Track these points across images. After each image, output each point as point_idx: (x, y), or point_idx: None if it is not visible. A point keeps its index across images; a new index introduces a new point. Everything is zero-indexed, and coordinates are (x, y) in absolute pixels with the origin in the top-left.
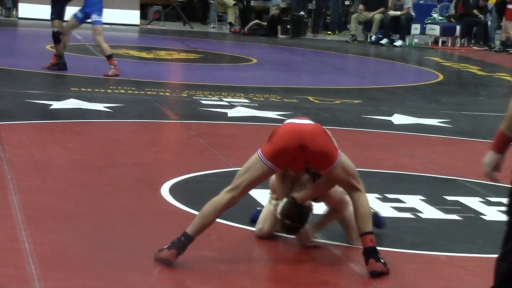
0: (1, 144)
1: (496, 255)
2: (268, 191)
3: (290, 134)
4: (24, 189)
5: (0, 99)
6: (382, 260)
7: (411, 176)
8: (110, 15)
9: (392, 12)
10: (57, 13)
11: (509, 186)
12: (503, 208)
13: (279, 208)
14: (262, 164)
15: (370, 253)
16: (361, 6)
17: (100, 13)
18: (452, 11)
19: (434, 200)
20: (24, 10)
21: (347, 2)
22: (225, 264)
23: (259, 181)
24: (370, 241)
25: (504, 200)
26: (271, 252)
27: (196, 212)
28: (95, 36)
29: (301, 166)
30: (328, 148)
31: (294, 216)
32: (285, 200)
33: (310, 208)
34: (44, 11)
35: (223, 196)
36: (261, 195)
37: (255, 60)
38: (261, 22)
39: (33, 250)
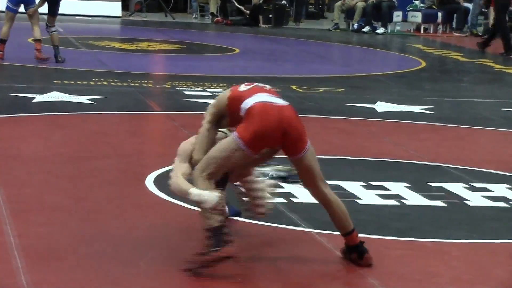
0: None
1: (481, 241)
2: None
3: (271, 119)
4: (8, 182)
5: None
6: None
7: (395, 163)
8: (92, 7)
9: None
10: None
11: (493, 171)
12: (488, 194)
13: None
14: (242, 153)
15: (363, 248)
16: None
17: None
18: None
19: (418, 186)
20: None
21: None
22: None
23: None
24: (356, 236)
25: (488, 186)
26: (256, 243)
27: (181, 203)
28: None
29: (275, 149)
30: (303, 133)
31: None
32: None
33: None
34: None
35: (205, 184)
36: None
37: (237, 50)
38: (243, 9)
39: (18, 243)
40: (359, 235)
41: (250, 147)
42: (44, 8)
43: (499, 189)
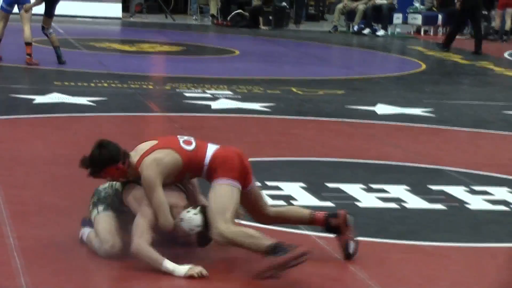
0: None
1: (481, 244)
2: None
3: (239, 158)
4: (8, 184)
5: None
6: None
7: (395, 166)
8: (92, 8)
9: (378, 1)
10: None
11: (493, 175)
12: (488, 197)
13: (197, 221)
14: (239, 190)
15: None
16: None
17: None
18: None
19: (418, 189)
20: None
21: None
22: (209, 258)
23: None
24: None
25: (489, 189)
26: None
27: None
28: None
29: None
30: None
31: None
32: (195, 210)
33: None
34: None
35: (237, 226)
36: None
37: (237, 52)
38: (243, 12)
39: (18, 245)
40: (359, 238)
41: (240, 183)
42: (40, 9)
43: (499, 192)
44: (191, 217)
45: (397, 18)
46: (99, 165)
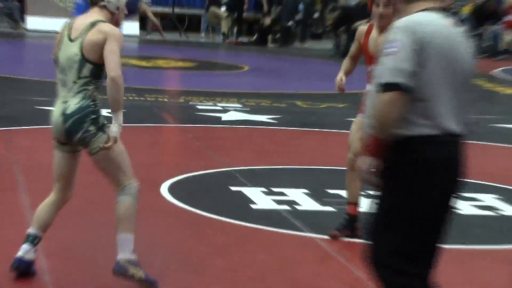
0: (12, 148)
1: (469, 246)
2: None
3: None
4: (35, 190)
5: (10, 106)
6: None
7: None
8: None
9: None
10: None
11: (481, 182)
12: (476, 203)
13: None
14: None
15: None
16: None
17: None
18: None
19: None
20: (32, 23)
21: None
22: (219, 258)
23: None
24: None
25: (477, 196)
26: (262, 247)
27: (193, 209)
28: None
29: None
30: None
31: None
32: None
33: None
34: (51, 23)
35: None
36: (254, 193)
37: (247, 68)
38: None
39: (43, 246)
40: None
41: None
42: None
43: (487, 199)
44: None
45: None
46: None
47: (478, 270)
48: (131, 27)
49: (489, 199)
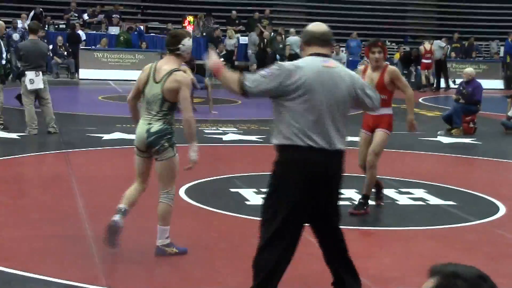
0: (70, 164)
1: (407, 228)
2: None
3: None
4: (86, 194)
5: (68, 134)
6: None
7: (348, 176)
8: (125, 75)
9: None
10: None
11: (413, 180)
12: (410, 196)
13: None
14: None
15: None
16: None
17: None
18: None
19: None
20: (83, 74)
21: None
22: (223, 241)
23: None
24: None
25: (411, 190)
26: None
27: (204, 207)
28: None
29: None
30: None
31: None
32: None
33: None
34: (97, 74)
35: None
36: (248, 193)
37: (240, 102)
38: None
39: (94, 236)
40: None
41: None
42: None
43: (418, 192)
44: None
45: None
46: None
47: (414, 245)
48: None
49: (419, 192)
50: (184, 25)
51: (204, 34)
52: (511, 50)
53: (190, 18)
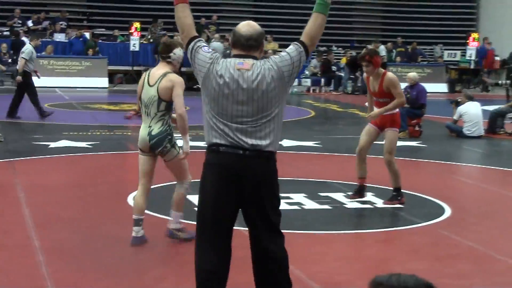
0: (16, 173)
1: (355, 231)
2: None
3: None
4: (33, 204)
5: (13, 142)
6: None
7: (296, 181)
8: (86, 82)
9: None
10: None
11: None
12: (359, 199)
13: None
14: None
15: None
16: None
17: None
18: (318, 69)
19: (312, 196)
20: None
21: None
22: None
23: None
24: None
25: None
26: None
27: (158, 215)
28: None
29: None
30: None
31: None
32: None
33: None
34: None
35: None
36: None
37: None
38: None
39: (41, 245)
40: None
41: None
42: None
43: (367, 196)
44: None
45: (295, 81)
46: None
47: (363, 248)
48: (102, 82)
49: (368, 196)
50: (130, 31)
51: (152, 40)
52: (485, 53)
53: (137, 25)
